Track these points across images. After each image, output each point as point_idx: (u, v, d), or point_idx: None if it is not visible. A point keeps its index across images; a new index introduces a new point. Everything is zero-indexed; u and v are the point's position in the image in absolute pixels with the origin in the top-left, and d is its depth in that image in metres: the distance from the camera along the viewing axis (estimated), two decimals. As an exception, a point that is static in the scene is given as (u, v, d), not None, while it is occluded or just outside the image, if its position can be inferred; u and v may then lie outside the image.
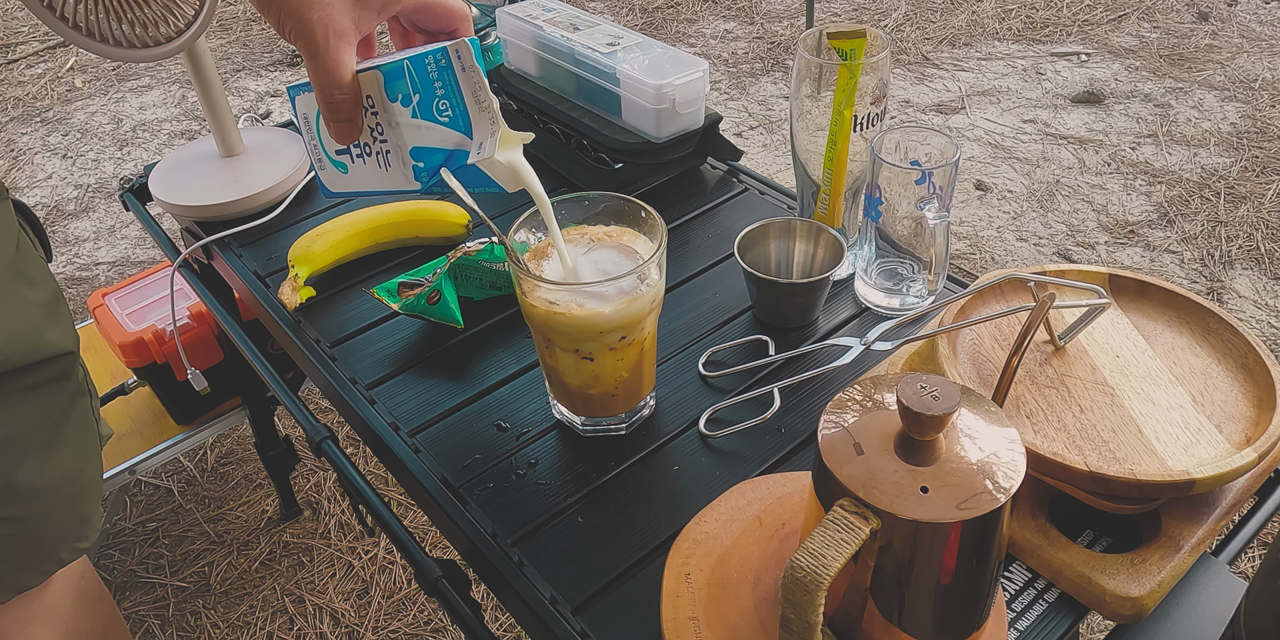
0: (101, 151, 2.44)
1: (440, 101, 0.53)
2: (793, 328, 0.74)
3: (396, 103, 0.54)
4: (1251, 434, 0.55)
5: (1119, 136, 2.27)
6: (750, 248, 0.73)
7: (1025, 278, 0.63)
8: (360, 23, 0.54)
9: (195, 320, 1.19)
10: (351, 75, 0.54)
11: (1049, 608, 0.54)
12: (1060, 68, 2.56)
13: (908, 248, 0.71)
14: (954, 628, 0.46)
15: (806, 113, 0.71)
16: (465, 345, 0.74)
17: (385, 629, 1.30)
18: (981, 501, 0.39)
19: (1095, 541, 0.57)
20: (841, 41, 0.67)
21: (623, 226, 0.61)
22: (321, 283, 0.81)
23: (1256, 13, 2.80)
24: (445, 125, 0.53)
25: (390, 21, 0.59)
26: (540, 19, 0.91)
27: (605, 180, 0.87)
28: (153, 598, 1.36)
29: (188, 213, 0.89)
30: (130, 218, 2.17)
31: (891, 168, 0.66)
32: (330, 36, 0.53)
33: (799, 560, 0.40)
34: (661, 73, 0.83)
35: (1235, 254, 1.90)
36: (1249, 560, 1.35)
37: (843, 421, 0.43)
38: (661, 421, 0.67)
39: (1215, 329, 0.62)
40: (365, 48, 0.57)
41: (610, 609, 0.55)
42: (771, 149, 2.31)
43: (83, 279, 2.02)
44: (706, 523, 0.56)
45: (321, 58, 0.53)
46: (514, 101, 0.95)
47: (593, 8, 3.02)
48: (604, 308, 0.55)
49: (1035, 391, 0.59)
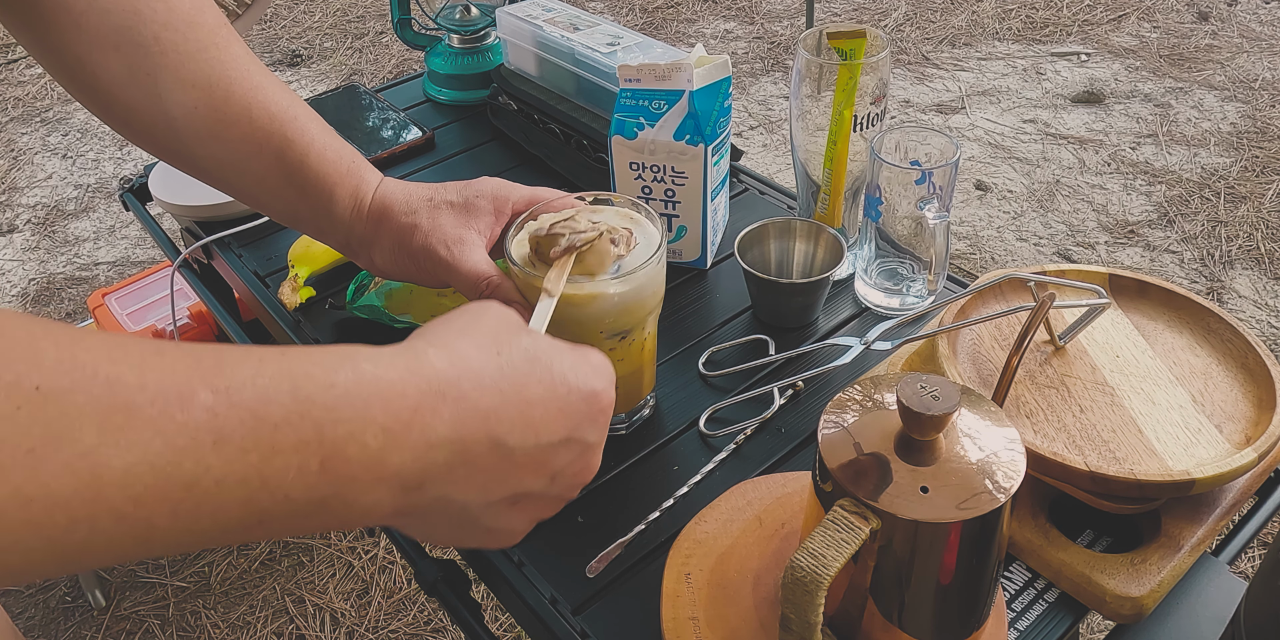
0: (101, 151, 2.44)
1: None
2: (793, 328, 0.74)
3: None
4: (1251, 434, 0.55)
5: (1119, 136, 2.27)
6: (750, 248, 0.73)
7: (1025, 278, 0.63)
8: (478, 230, 0.59)
9: (195, 320, 1.19)
10: (486, 266, 0.57)
11: (1049, 608, 0.54)
12: (1060, 68, 2.56)
13: (908, 248, 0.71)
14: (954, 628, 0.46)
15: (806, 113, 0.71)
16: (465, 345, 0.74)
17: (385, 629, 1.30)
18: (981, 501, 0.39)
19: (1095, 541, 0.57)
20: (841, 41, 0.67)
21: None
22: (321, 283, 0.81)
23: (1256, 13, 2.80)
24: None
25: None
26: (540, 19, 0.91)
27: (605, 180, 0.87)
28: (153, 598, 1.36)
29: (188, 213, 0.89)
30: (130, 218, 2.17)
31: (891, 168, 0.66)
32: (450, 246, 0.58)
33: (799, 560, 0.40)
34: (661, 73, 0.83)
35: (1235, 254, 1.90)
36: (1249, 560, 1.35)
37: (843, 421, 0.43)
38: (661, 421, 0.67)
39: (1215, 329, 0.62)
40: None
41: (610, 609, 0.55)
42: (771, 149, 2.31)
43: (83, 279, 2.02)
44: (706, 523, 0.56)
45: (451, 266, 0.57)
46: (514, 101, 0.95)
47: (593, 8, 3.02)
48: (610, 289, 0.54)
49: (1035, 391, 0.59)
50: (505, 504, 0.40)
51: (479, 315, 0.41)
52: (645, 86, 0.70)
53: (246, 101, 0.56)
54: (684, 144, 0.70)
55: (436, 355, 0.37)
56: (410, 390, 0.35)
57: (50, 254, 2.11)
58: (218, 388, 0.30)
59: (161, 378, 0.29)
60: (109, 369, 0.28)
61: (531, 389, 0.39)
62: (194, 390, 0.29)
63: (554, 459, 0.40)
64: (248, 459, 0.30)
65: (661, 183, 0.73)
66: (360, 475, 0.33)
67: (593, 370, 0.42)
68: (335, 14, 3.07)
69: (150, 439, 0.28)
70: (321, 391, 0.32)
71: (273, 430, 0.31)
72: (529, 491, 0.40)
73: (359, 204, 0.60)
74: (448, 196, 0.60)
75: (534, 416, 0.39)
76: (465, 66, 1.05)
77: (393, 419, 0.34)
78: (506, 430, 0.38)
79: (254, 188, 0.60)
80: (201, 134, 0.56)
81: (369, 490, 0.34)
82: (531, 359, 0.40)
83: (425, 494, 0.36)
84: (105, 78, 0.54)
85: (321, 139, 0.59)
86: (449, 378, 0.36)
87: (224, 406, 0.30)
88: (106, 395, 0.27)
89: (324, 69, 2.77)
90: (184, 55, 0.55)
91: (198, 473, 0.29)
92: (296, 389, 0.32)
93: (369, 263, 0.62)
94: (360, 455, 0.33)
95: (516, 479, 0.39)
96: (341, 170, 0.60)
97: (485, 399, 0.37)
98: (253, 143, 0.57)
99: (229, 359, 0.31)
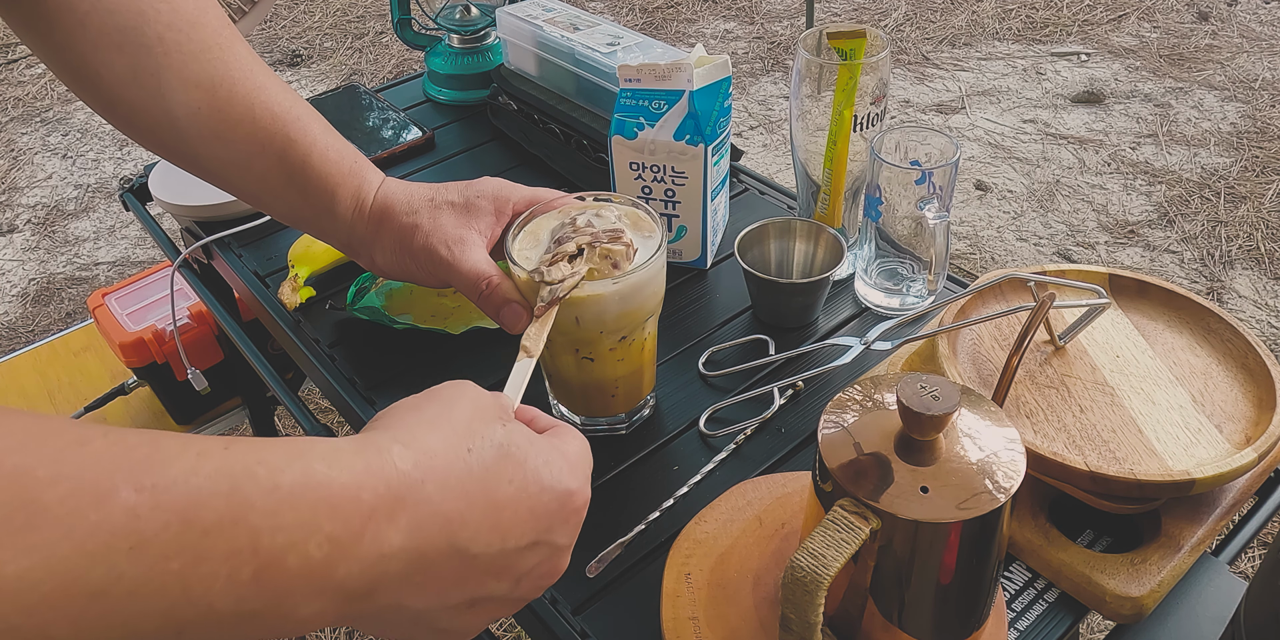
0: (101, 151, 2.44)
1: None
2: (793, 328, 0.74)
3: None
4: (1251, 434, 0.55)
5: (1119, 136, 2.27)
6: (750, 248, 0.73)
7: (1025, 278, 0.63)
8: (479, 231, 0.59)
9: (195, 320, 1.19)
10: (486, 266, 0.57)
11: (1049, 608, 0.54)
12: (1060, 68, 2.56)
13: (908, 248, 0.71)
14: (954, 628, 0.46)
15: (806, 113, 0.71)
16: (466, 345, 0.74)
17: (385, 629, 1.29)
18: (981, 501, 0.39)
19: (1095, 541, 0.57)
20: (841, 41, 0.67)
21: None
22: (321, 283, 0.81)
23: (1256, 13, 2.80)
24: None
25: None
26: (540, 19, 0.91)
27: (605, 180, 0.87)
28: (153, 598, 1.36)
29: (188, 213, 0.89)
30: (130, 218, 2.17)
31: (891, 168, 0.66)
32: (451, 246, 0.58)
33: (799, 560, 0.40)
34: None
35: (1235, 254, 1.90)
36: (1249, 560, 1.35)
37: (843, 421, 0.43)
38: (661, 421, 0.67)
39: (1215, 329, 0.62)
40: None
41: (610, 609, 0.55)
42: (771, 149, 2.31)
43: (83, 279, 2.02)
44: (706, 523, 0.56)
45: (451, 266, 0.57)
46: (514, 101, 0.95)
47: (593, 8, 3.02)
48: (608, 288, 0.54)
49: (1035, 391, 0.59)
50: (463, 607, 0.38)
51: (452, 403, 0.39)
52: (645, 86, 0.70)
53: (249, 102, 0.56)
54: (684, 144, 0.70)
55: (401, 455, 0.34)
56: (366, 494, 0.32)
57: (50, 254, 2.11)
58: (143, 486, 0.27)
59: (80, 471, 0.26)
60: (16, 460, 0.25)
61: (501, 490, 0.37)
62: (115, 487, 0.26)
63: (519, 563, 0.38)
64: (168, 567, 0.27)
65: (661, 183, 0.73)
66: (299, 587, 0.30)
67: (569, 467, 0.40)
68: (335, 14, 3.07)
69: (56, 542, 0.25)
70: (263, 495, 0.29)
71: (200, 536, 0.27)
72: (490, 596, 0.38)
73: (361, 204, 0.61)
74: (449, 197, 0.60)
75: (502, 520, 0.37)
76: (465, 66, 1.05)
77: (341, 527, 0.31)
78: (470, 536, 0.35)
79: (256, 187, 0.60)
80: (204, 134, 0.56)
81: (308, 602, 0.31)
82: (504, 455, 0.37)
83: (374, 603, 0.34)
84: (109, 77, 0.54)
85: (324, 139, 0.59)
86: (412, 481, 0.34)
87: (147, 508, 0.27)
88: (10, 490, 0.25)
89: (324, 69, 2.77)
90: (187, 55, 0.55)
91: (108, 581, 0.26)
92: (234, 490, 0.29)
93: (370, 263, 0.62)
94: (301, 567, 0.30)
95: (477, 585, 0.37)
96: (344, 170, 0.60)
97: (450, 503, 0.35)
98: (255, 143, 0.57)
99: (164, 452, 0.28)
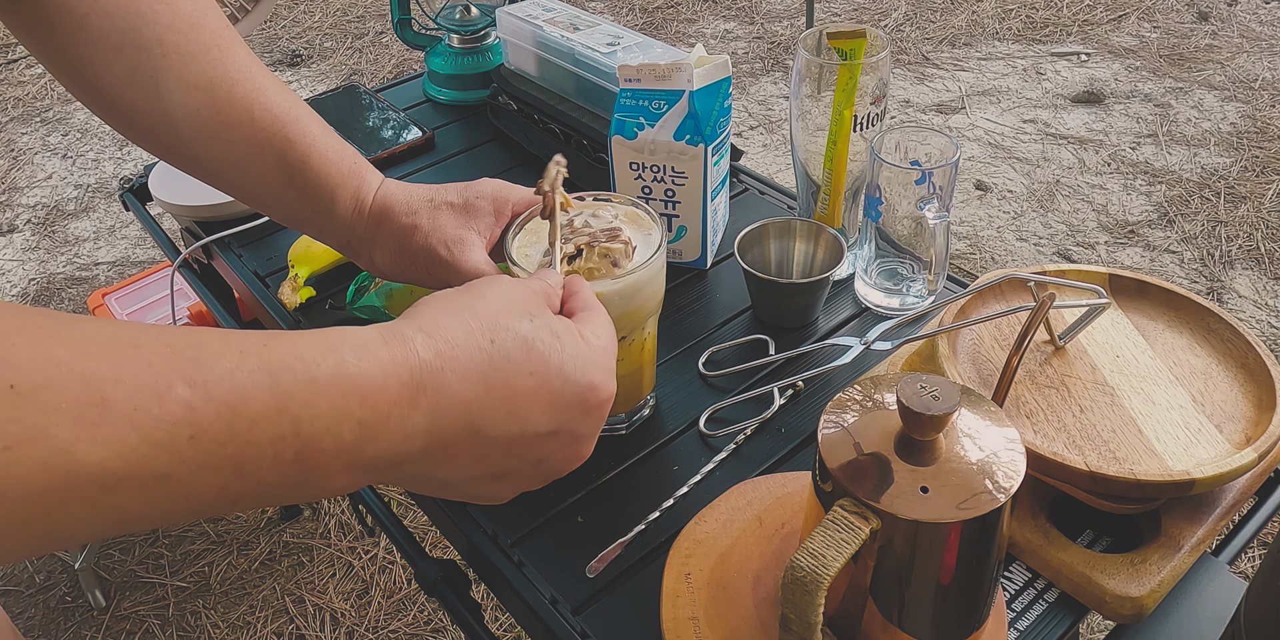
0: (101, 151, 2.44)
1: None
2: (793, 328, 0.74)
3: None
4: (1251, 434, 0.55)
5: (1119, 136, 2.27)
6: (750, 248, 0.73)
7: (1025, 278, 0.63)
8: (478, 231, 0.59)
9: (195, 320, 1.19)
10: (486, 266, 0.58)
11: (1049, 608, 0.54)
12: (1060, 68, 2.56)
13: (908, 248, 0.71)
14: (954, 628, 0.46)
15: (806, 113, 0.71)
16: (465, 345, 0.74)
17: (385, 629, 1.30)
18: (981, 501, 0.39)
19: (1095, 541, 0.57)
20: (841, 41, 0.67)
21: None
22: (321, 283, 0.81)
23: (1256, 13, 2.80)
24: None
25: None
26: (540, 19, 0.91)
27: (605, 180, 0.87)
28: (153, 598, 1.36)
29: (188, 213, 0.89)
30: (130, 218, 2.17)
31: (891, 168, 0.66)
32: (450, 246, 0.58)
33: (799, 560, 0.40)
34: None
35: (1235, 254, 1.90)
36: (1249, 560, 1.35)
37: (843, 421, 0.43)
38: (661, 421, 0.67)
39: (1215, 329, 0.62)
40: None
41: (610, 609, 0.55)
42: (771, 149, 2.31)
43: (83, 279, 2.02)
44: (706, 523, 0.56)
45: (451, 266, 0.58)
46: (514, 101, 0.95)
47: (593, 8, 3.02)
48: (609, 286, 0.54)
49: (1035, 391, 0.59)
50: (488, 478, 0.41)
51: (482, 295, 0.41)
52: (645, 86, 0.70)
53: (248, 103, 0.57)
54: (684, 144, 0.70)
55: (424, 344, 0.37)
56: (391, 382, 0.35)
57: (50, 254, 2.11)
58: (195, 382, 0.30)
59: (138, 372, 0.29)
60: (84, 364, 0.28)
61: (522, 380, 0.39)
62: (171, 384, 0.29)
63: (539, 447, 0.41)
64: (223, 451, 0.30)
65: (661, 183, 0.73)
66: (333, 465, 0.34)
67: (592, 360, 0.42)
68: (335, 14, 3.07)
69: (126, 434, 0.28)
70: (301, 387, 0.32)
71: (249, 425, 0.31)
72: (512, 471, 0.41)
73: (360, 205, 0.61)
74: (448, 197, 0.60)
75: (520, 408, 0.39)
76: (465, 66, 1.05)
77: (370, 413, 0.34)
78: (488, 421, 0.38)
79: (255, 188, 0.60)
80: (204, 135, 0.57)
81: (342, 475, 0.34)
82: (527, 348, 0.39)
83: (401, 472, 0.37)
84: (108, 79, 0.55)
85: (323, 140, 0.59)
86: (432, 368, 0.36)
87: (201, 401, 0.30)
88: (82, 391, 0.27)
89: (324, 69, 2.77)
90: (186, 57, 0.55)
91: (173, 465, 0.29)
92: (275, 383, 0.32)
93: (369, 263, 0.62)
94: (335, 447, 0.33)
95: (497, 461, 0.40)
96: (343, 171, 0.60)
97: (468, 390, 0.37)
98: (254, 144, 0.57)
99: (208, 350, 0.31)
